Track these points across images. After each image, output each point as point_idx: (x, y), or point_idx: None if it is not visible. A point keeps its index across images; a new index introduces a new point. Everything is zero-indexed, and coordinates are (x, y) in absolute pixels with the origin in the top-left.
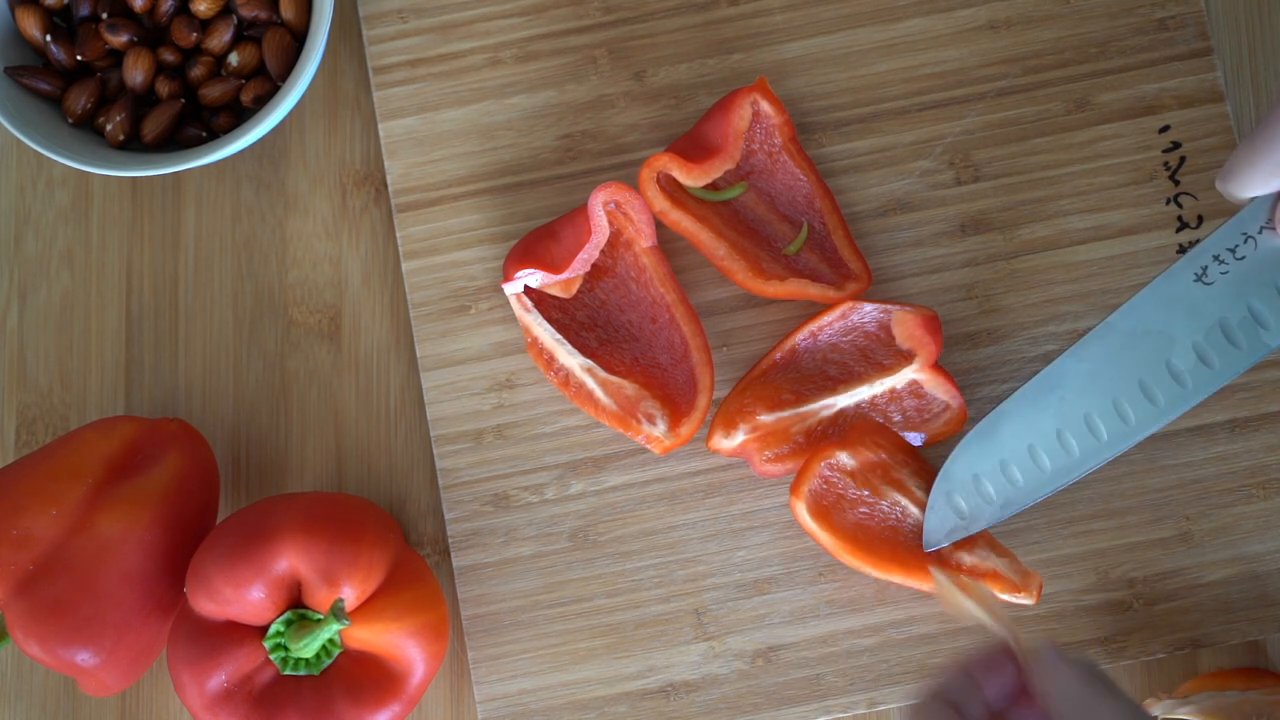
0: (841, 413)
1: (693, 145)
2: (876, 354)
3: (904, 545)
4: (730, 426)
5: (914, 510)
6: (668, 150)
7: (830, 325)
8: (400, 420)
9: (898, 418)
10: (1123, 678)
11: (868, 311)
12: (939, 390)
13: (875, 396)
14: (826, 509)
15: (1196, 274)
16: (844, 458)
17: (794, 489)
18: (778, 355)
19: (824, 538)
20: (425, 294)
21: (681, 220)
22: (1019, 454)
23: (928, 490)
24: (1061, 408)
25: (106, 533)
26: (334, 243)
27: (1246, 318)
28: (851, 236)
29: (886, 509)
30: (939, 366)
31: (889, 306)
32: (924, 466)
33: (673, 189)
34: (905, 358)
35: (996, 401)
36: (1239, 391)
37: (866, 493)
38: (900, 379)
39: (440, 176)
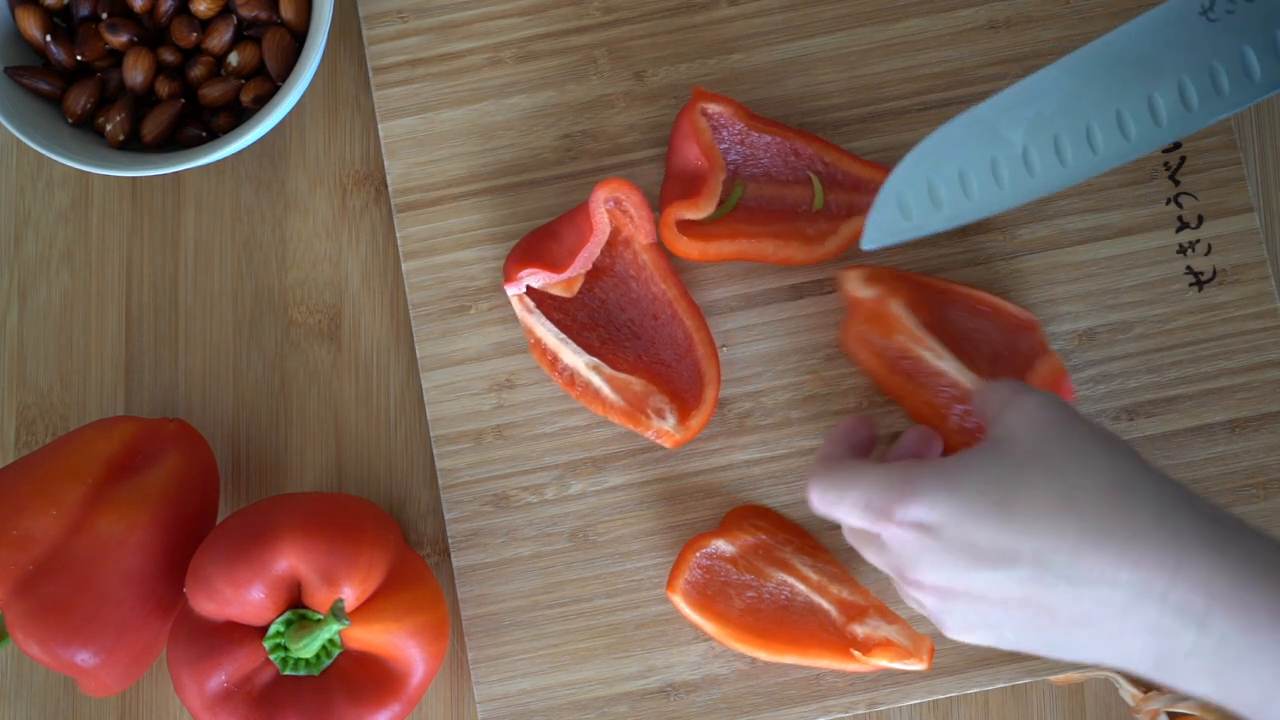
0: (955, 384)
1: (680, 182)
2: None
3: (797, 624)
4: (878, 281)
5: (801, 588)
6: (663, 202)
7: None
8: (400, 420)
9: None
10: (1122, 677)
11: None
12: None
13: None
14: (710, 598)
15: (1204, 6)
16: (722, 545)
17: (670, 583)
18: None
19: (709, 628)
20: (425, 294)
21: (721, 248)
22: (980, 166)
23: (814, 567)
24: (1034, 124)
25: (106, 533)
26: (334, 243)
27: (1237, 65)
28: (856, 155)
29: (774, 590)
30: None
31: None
32: (809, 542)
33: (690, 229)
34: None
35: None
36: (1239, 391)
37: (751, 576)
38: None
39: (440, 176)
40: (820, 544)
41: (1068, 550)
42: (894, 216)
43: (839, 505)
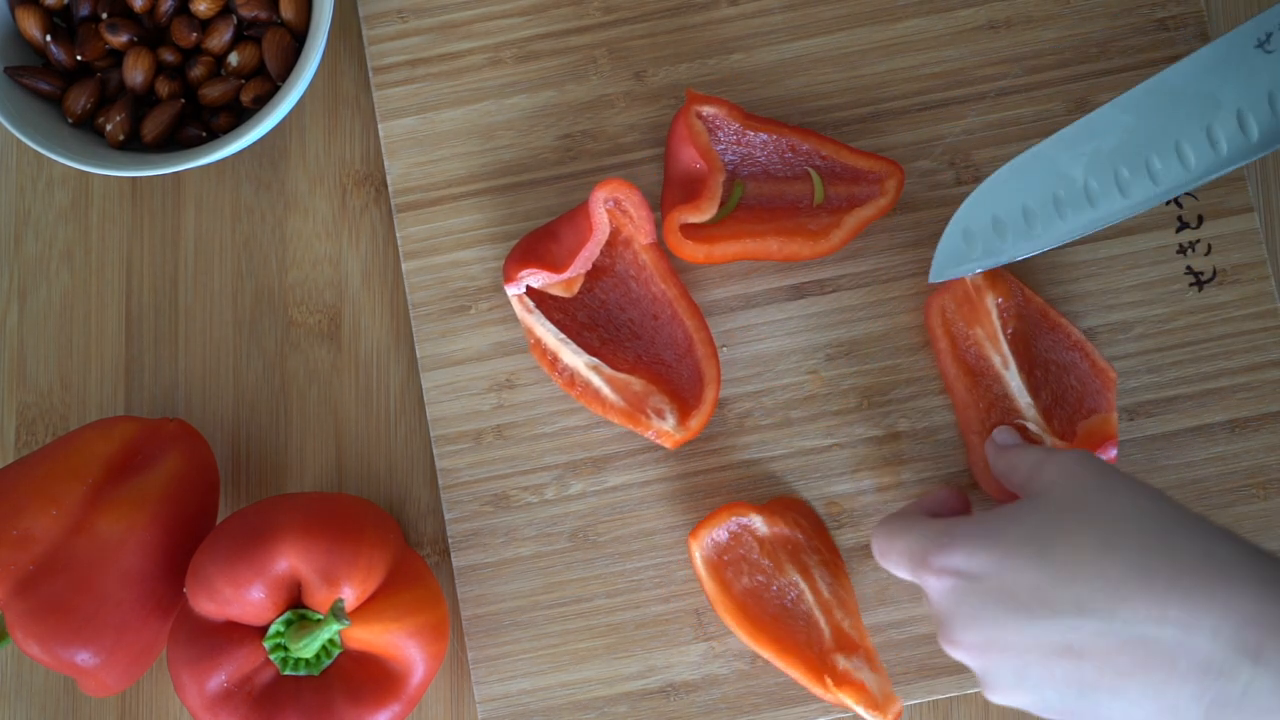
0: (1010, 399)
1: (679, 186)
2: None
3: (788, 628)
4: (986, 269)
5: (809, 598)
6: (664, 207)
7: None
8: (400, 420)
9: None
10: None
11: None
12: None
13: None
14: (723, 564)
15: (1260, 39)
16: (758, 521)
17: (695, 531)
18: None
19: (709, 588)
20: (425, 294)
21: (726, 249)
22: (1042, 200)
23: (830, 586)
24: (1094, 159)
25: (106, 533)
26: (334, 243)
27: None
28: (854, 147)
29: (783, 587)
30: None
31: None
32: (838, 563)
33: (693, 232)
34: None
35: None
36: (1239, 391)
37: (769, 564)
38: None
39: (440, 176)
40: (845, 570)
41: (1111, 592)
42: (959, 248)
43: (888, 556)
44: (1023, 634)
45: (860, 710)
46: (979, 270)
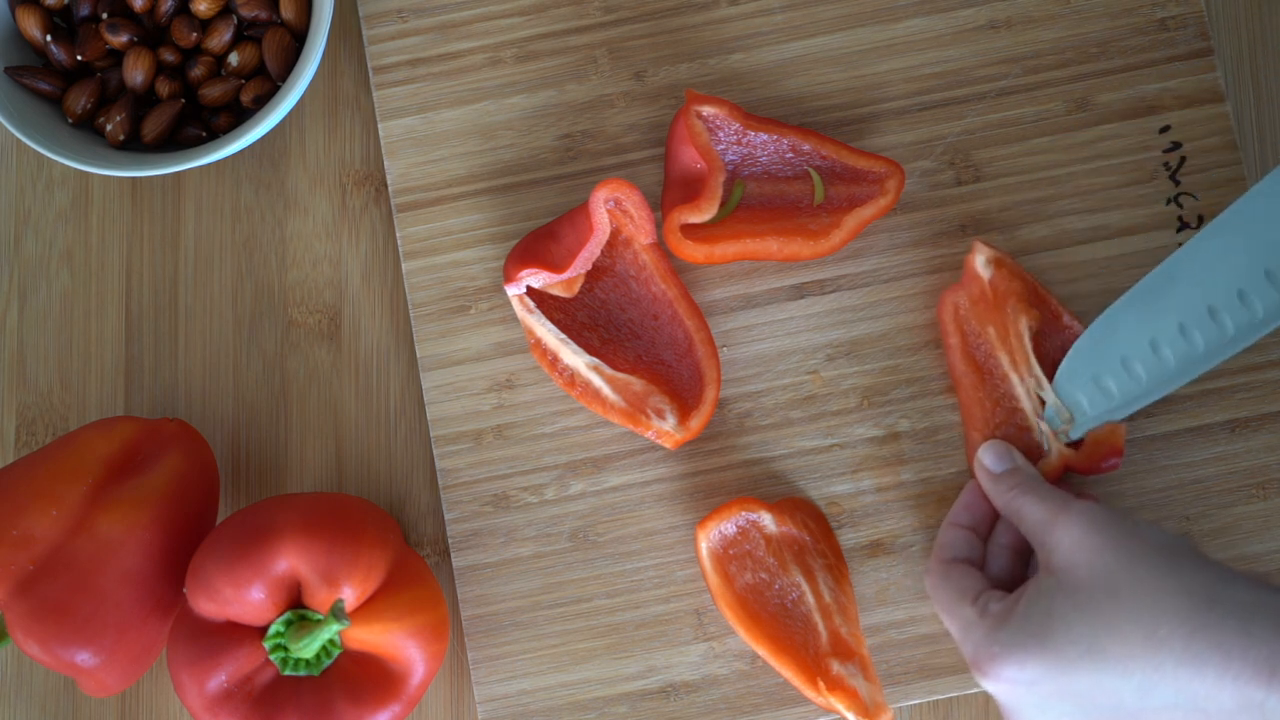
0: (1015, 399)
1: (680, 187)
2: None
3: (785, 628)
4: (1001, 268)
5: (810, 600)
6: (664, 207)
7: None
8: (400, 420)
9: None
10: None
11: None
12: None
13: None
14: (727, 557)
15: None
16: (767, 519)
17: (703, 521)
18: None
19: (713, 580)
20: (425, 294)
21: (726, 250)
22: (1170, 333)
23: (833, 591)
24: (1183, 298)
25: (106, 533)
26: (334, 243)
27: None
28: (854, 147)
29: (785, 587)
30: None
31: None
32: (840, 565)
33: (693, 232)
34: None
35: None
36: (1239, 391)
37: (774, 562)
38: None
39: (440, 176)
40: (848, 576)
41: (1169, 683)
42: (1093, 394)
43: (945, 620)
44: None
45: (850, 716)
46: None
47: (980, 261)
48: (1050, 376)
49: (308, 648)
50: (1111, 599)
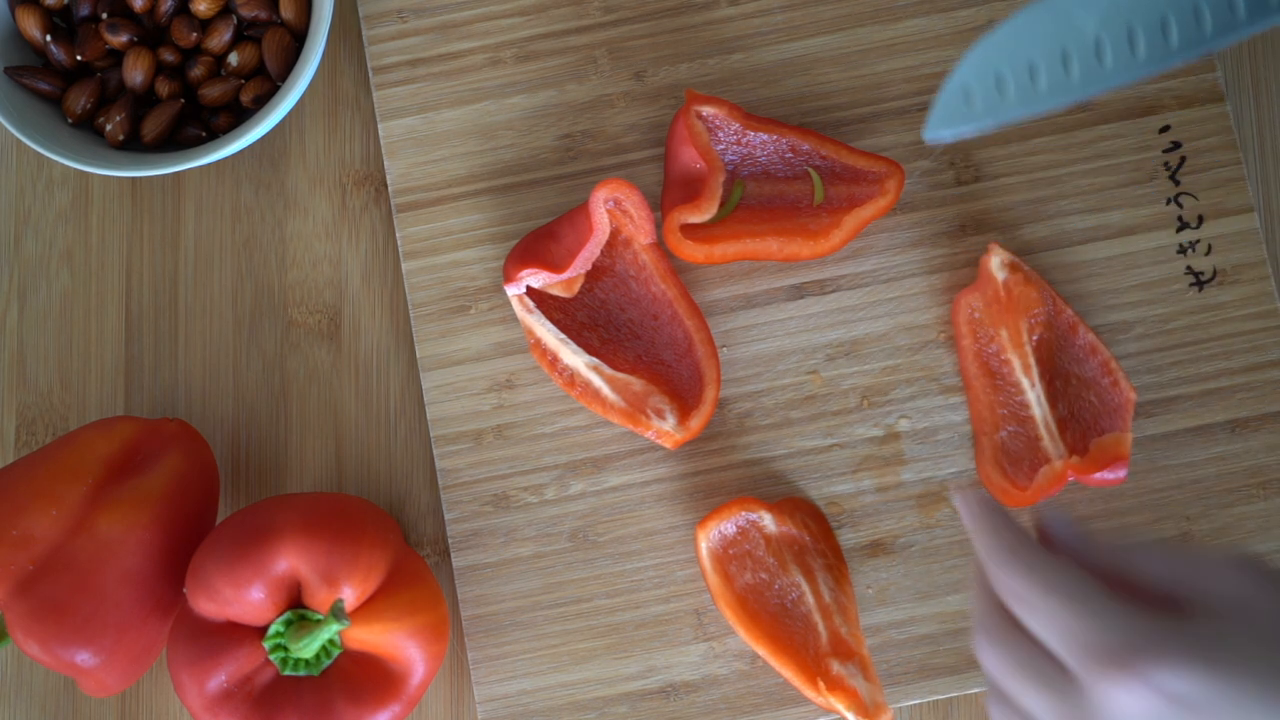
0: (1025, 407)
1: (679, 187)
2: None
3: (785, 628)
4: (1017, 272)
5: (810, 600)
6: (664, 207)
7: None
8: (400, 420)
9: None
10: None
11: None
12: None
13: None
14: (727, 557)
15: None
16: (767, 519)
17: (703, 521)
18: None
19: (712, 580)
20: (425, 294)
21: (726, 249)
22: (1051, 56)
23: (833, 592)
24: (1109, 13)
25: (106, 533)
26: (334, 243)
27: None
28: (854, 147)
29: (785, 587)
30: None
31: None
32: (840, 565)
33: (693, 232)
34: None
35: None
36: (1239, 391)
37: (774, 562)
38: None
39: (440, 176)
40: (849, 577)
41: None
42: (958, 106)
43: (1036, 619)
44: None
45: (850, 716)
46: (975, 132)
47: (995, 264)
48: (1058, 389)
49: (308, 648)
50: None
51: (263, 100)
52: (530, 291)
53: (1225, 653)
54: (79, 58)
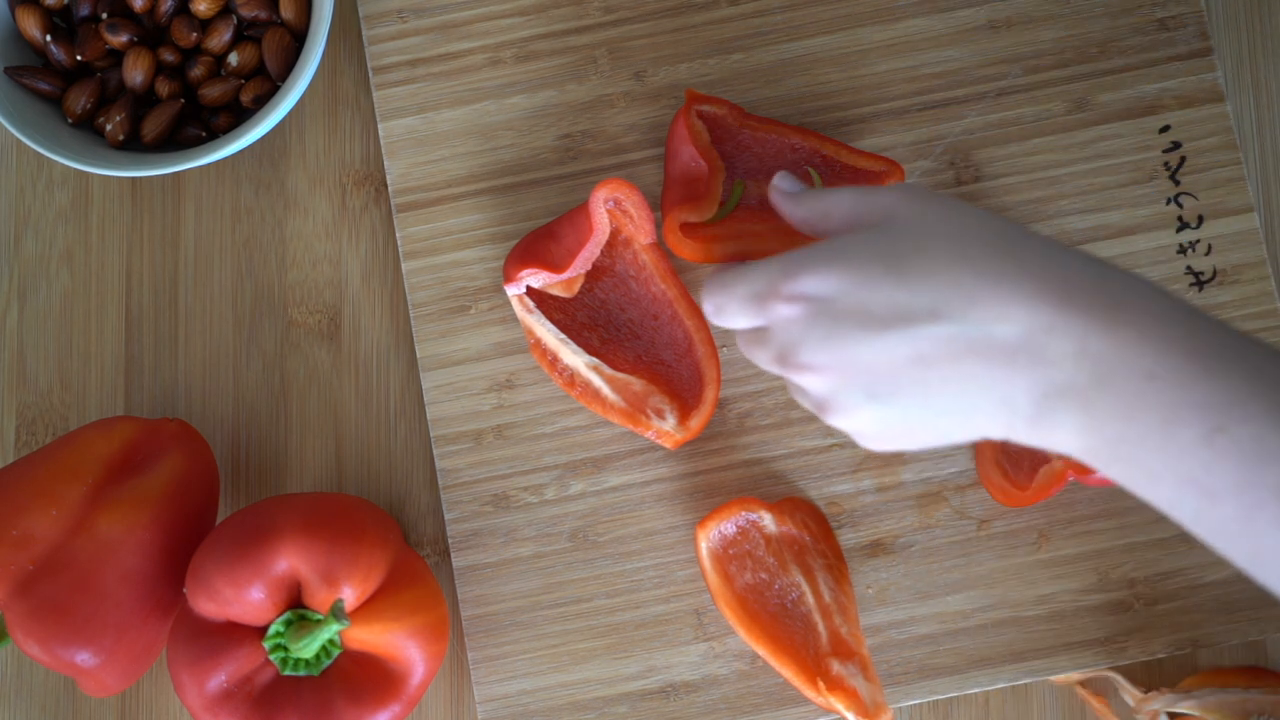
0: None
1: (680, 186)
2: None
3: (785, 628)
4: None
5: (810, 600)
6: (664, 207)
7: None
8: (400, 420)
9: None
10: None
11: None
12: None
13: None
14: (727, 557)
15: None
16: (767, 519)
17: (703, 521)
18: None
19: (712, 580)
20: (425, 294)
21: (725, 249)
22: None
23: (833, 591)
24: None
25: (106, 533)
26: (334, 243)
27: None
28: (854, 147)
29: (784, 587)
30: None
31: None
32: (840, 565)
33: (693, 232)
34: None
35: None
36: None
37: (774, 562)
38: None
39: (440, 176)
40: (849, 577)
41: (964, 297)
42: None
43: (727, 308)
44: (875, 348)
45: (850, 716)
46: None
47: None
48: None
49: (308, 648)
50: (924, 230)
51: (263, 100)
52: (530, 291)
53: (853, 252)
54: (79, 58)
